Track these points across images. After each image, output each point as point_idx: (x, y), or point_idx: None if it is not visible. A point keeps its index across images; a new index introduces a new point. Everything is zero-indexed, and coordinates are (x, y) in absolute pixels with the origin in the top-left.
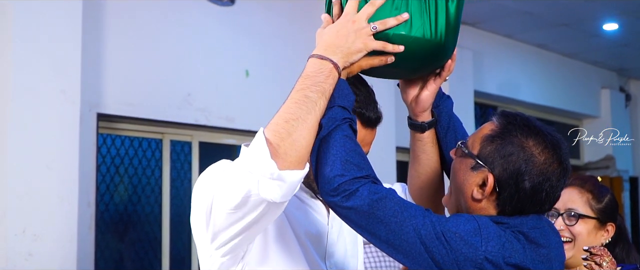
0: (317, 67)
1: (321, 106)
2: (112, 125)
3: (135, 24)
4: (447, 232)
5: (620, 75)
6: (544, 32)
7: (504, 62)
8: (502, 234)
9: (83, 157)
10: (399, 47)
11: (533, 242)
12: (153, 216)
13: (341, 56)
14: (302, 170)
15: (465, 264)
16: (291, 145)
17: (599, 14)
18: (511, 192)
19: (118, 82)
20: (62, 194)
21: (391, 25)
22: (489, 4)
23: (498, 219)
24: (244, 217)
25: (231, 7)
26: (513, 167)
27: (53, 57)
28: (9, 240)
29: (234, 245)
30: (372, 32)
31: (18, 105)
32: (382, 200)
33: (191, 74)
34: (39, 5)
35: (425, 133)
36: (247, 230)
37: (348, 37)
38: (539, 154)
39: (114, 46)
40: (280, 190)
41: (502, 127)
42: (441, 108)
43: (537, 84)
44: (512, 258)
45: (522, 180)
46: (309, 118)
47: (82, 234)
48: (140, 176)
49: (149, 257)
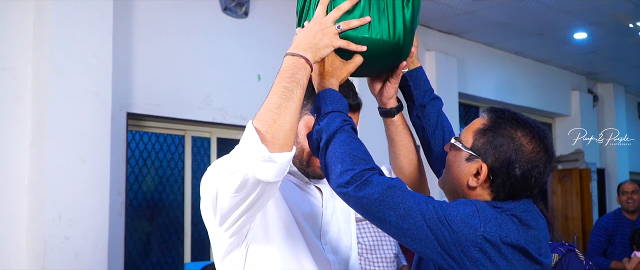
0: (290, 63)
1: (298, 94)
2: (140, 123)
3: (160, 33)
4: (449, 216)
5: (588, 78)
6: (521, 41)
7: (485, 68)
8: (498, 216)
9: (114, 151)
10: (362, 47)
11: (525, 224)
12: (176, 203)
13: (311, 52)
14: (290, 151)
15: (466, 244)
16: (277, 130)
17: (570, 24)
18: (503, 179)
19: (145, 85)
20: (95, 184)
21: (354, 25)
22: (472, 16)
23: (493, 204)
24: (245, 198)
25: (245, 19)
26: (504, 156)
27: (87, 63)
28: (47, 225)
29: (238, 225)
30: (338, 31)
31: (56, 106)
32: (391, 188)
33: (210, 78)
34: (74, 19)
35: (395, 117)
36: (248, 210)
37: (316, 36)
38: (527, 143)
39: (141, 53)
40: (273, 171)
41: (492, 121)
42: (429, 109)
43: (514, 87)
44: (508, 238)
45: (513, 168)
46: (289, 105)
47: (113, 219)
48: (164, 168)
49: (172, 239)
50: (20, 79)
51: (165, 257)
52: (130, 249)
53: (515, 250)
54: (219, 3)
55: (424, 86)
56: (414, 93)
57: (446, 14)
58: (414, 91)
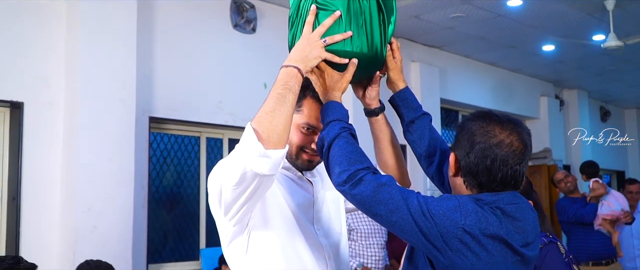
0: (284, 73)
1: (290, 99)
2: (161, 126)
3: (178, 47)
4: (432, 210)
5: (555, 85)
6: (495, 53)
7: (463, 76)
8: (479, 210)
9: (138, 150)
10: (344, 60)
11: (509, 216)
12: (193, 196)
13: (302, 63)
14: (283, 148)
15: (447, 235)
16: (272, 130)
17: (539, 37)
18: (480, 169)
19: (165, 93)
20: (120, 179)
21: (337, 39)
22: (452, 31)
23: (476, 197)
24: (244, 190)
25: (253, 35)
26: (476, 147)
27: (114, 73)
28: (77, 216)
29: (241, 215)
30: (324, 44)
31: (86, 111)
32: (382, 186)
33: (222, 86)
34: (102, 35)
35: (379, 116)
36: (248, 201)
37: (305, 49)
38: (499, 134)
39: (161, 65)
40: (268, 165)
41: (465, 119)
42: (417, 124)
43: (489, 93)
44: (488, 230)
45: (485, 158)
46: (282, 108)
47: (137, 210)
48: (182, 166)
49: (189, 228)
50: (54, 87)
51: (183, 243)
52: (152, 236)
53: (495, 241)
54: (230, 20)
55: (412, 104)
56: (403, 112)
57: (429, 30)
58: (403, 110)
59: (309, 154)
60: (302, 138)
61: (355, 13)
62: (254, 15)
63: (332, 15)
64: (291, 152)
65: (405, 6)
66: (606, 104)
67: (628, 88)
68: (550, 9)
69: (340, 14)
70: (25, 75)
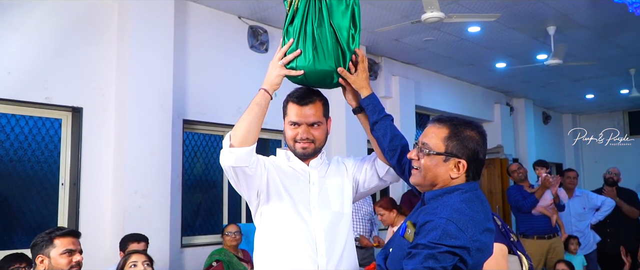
0: (257, 94)
1: (256, 111)
2: (192, 126)
3: (206, 64)
4: (436, 255)
5: (506, 95)
6: (459, 69)
7: (434, 88)
8: (467, 212)
9: (174, 146)
10: (300, 72)
11: (479, 198)
12: (217, 183)
13: (268, 84)
14: (247, 146)
15: (469, 250)
16: (236, 132)
17: (493, 57)
18: (476, 164)
19: (195, 100)
20: (160, 169)
21: (289, 59)
22: (425, 51)
23: (458, 187)
24: (235, 180)
25: (265, 54)
26: (472, 149)
27: (155, 84)
28: (126, 198)
29: (247, 195)
30: (282, 64)
31: (133, 115)
32: None
33: (240, 95)
34: (145, 53)
35: (360, 115)
36: (244, 185)
37: (270, 72)
38: (476, 135)
39: (193, 77)
40: (232, 157)
41: (452, 128)
42: (380, 124)
43: (454, 101)
44: (482, 225)
45: (478, 155)
46: (248, 117)
47: (173, 194)
48: (209, 158)
49: (214, 207)
50: (107, 95)
51: (210, 219)
52: (185, 214)
53: (486, 233)
54: (247, 42)
55: (376, 108)
56: (368, 114)
57: (406, 50)
58: (368, 113)
59: (300, 144)
60: (292, 132)
61: (306, 38)
62: (267, 38)
63: (287, 42)
64: (291, 146)
65: (387, 31)
66: (547, 110)
67: (565, 97)
68: (503, 34)
69: (293, 41)
70: (84, 85)
